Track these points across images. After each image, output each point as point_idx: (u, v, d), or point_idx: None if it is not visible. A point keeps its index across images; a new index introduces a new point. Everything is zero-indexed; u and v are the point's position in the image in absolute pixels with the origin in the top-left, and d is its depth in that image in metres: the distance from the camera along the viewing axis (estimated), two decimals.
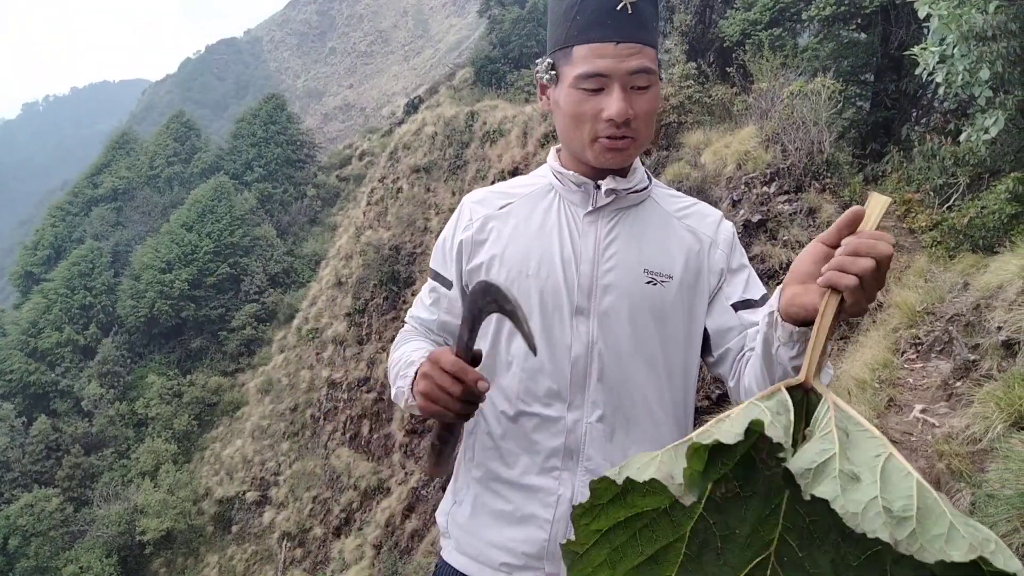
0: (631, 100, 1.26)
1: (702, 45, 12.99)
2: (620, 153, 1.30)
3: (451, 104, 21.83)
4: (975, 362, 3.90)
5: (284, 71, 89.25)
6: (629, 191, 1.37)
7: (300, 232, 32.55)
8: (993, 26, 5.27)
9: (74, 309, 29.10)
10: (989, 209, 6.01)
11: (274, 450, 20.61)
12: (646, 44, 1.26)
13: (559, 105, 1.33)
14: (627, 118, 1.25)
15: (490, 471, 1.38)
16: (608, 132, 1.27)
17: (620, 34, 1.23)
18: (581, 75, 1.25)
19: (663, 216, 1.41)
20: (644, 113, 1.28)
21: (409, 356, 1.37)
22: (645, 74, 1.25)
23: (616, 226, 1.36)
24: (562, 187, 1.40)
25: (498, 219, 1.41)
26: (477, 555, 1.38)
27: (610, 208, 1.37)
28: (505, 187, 1.49)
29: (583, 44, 1.25)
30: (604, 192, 1.35)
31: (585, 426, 1.32)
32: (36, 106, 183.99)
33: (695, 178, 8.03)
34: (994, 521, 2.36)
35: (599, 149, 1.30)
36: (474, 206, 1.44)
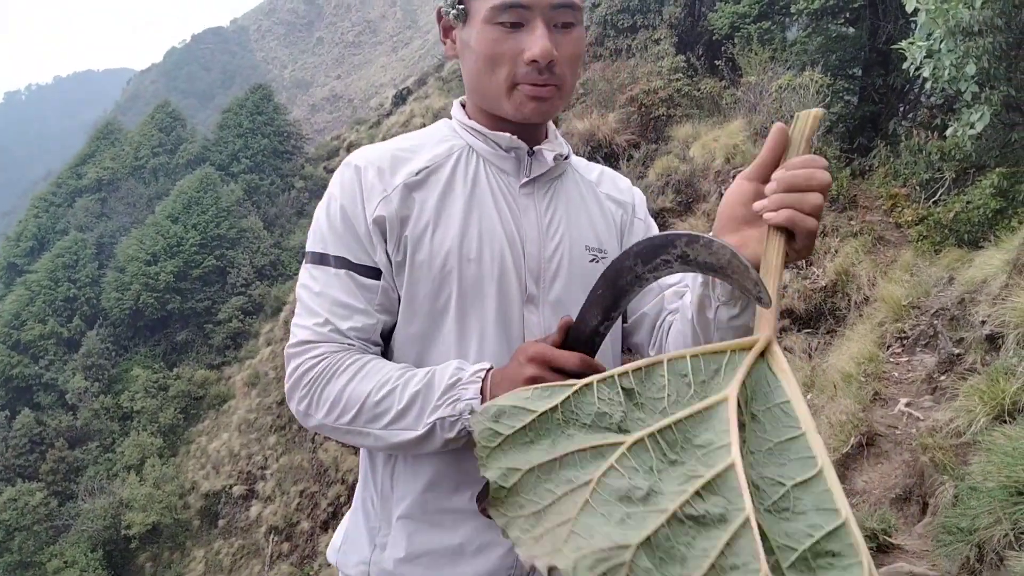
0: (554, 39, 1.05)
1: (691, 38, 12.99)
2: (544, 103, 1.08)
3: (440, 95, 21.74)
4: (959, 356, 3.94)
5: (271, 61, 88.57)
6: (564, 157, 1.19)
7: (287, 224, 32.36)
8: (979, 21, 5.30)
9: (58, 301, 28.81)
10: (974, 204, 6.06)
11: (261, 444, 20.53)
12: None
13: (469, 46, 1.10)
14: (552, 59, 1.04)
15: (427, 502, 1.11)
16: (531, 77, 1.06)
17: None
18: (497, 6, 1.04)
19: (586, 185, 1.24)
20: (569, 56, 1.08)
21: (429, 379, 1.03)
22: (570, 9, 1.06)
23: (552, 199, 1.17)
24: (487, 149, 1.16)
25: (419, 189, 1.12)
26: None
27: (544, 178, 1.17)
28: (407, 144, 1.18)
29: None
30: (550, 159, 1.15)
31: None
32: (19, 95, 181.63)
33: (683, 171, 8.04)
34: (976, 514, 2.38)
35: (520, 98, 1.08)
36: (380, 170, 1.12)
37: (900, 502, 3.20)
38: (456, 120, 1.20)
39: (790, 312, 6.34)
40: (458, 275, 1.09)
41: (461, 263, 1.09)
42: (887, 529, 2.92)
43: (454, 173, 1.14)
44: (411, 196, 1.11)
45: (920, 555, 2.81)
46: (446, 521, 1.11)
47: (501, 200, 1.14)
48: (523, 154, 1.15)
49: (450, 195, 1.12)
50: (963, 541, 2.41)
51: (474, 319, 1.09)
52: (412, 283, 1.09)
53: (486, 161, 1.16)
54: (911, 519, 3.12)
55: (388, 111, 28.66)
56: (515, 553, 0.98)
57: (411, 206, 1.11)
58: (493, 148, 1.15)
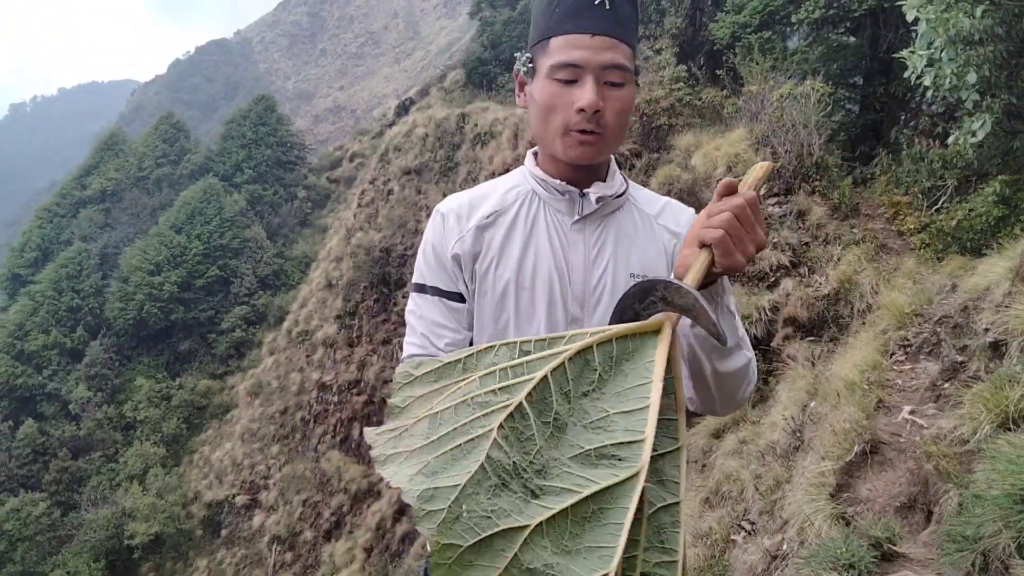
0: (603, 94, 1.25)
1: (692, 48, 13.04)
2: (589, 147, 1.28)
3: (442, 106, 21.80)
4: (963, 363, 3.93)
5: (274, 72, 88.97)
6: (613, 197, 1.37)
7: (290, 234, 32.43)
8: (980, 30, 5.32)
9: (61, 311, 28.86)
10: (976, 212, 6.06)
11: (264, 453, 20.51)
12: (622, 41, 1.26)
13: (534, 98, 1.32)
14: (597, 109, 1.24)
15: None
16: (579, 124, 1.26)
17: (596, 27, 1.24)
18: (555, 65, 1.26)
19: (643, 219, 1.41)
20: (616, 110, 1.27)
21: None
22: (619, 70, 1.25)
23: (603, 233, 1.36)
24: (546, 194, 1.38)
25: (488, 229, 1.37)
26: None
27: (596, 215, 1.37)
28: (484, 192, 1.44)
29: (560, 36, 1.26)
30: (594, 200, 1.34)
31: None
32: (23, 107, 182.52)
33: (685, 180, 8.06)
34: (981, 522, 2.37)
35: (569, 142, 1.29)
36: (459, 216, 1.38)
37: (904, 510, 3.19)
38: (527, 167, 1.43)
39: (793, 320, 6.33)
40: (514, 300, 1.32)
41: (517, 290, 1.32)
42: (891, 538, 2.91)
43: (517, 215, 1.37)
44: (482, 236, 1.36)
45: (925, 563, 2.80)
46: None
47: (555, 236, 1.35)
48: (575, 196, 1.35)
49: (513, 234, 1.36)
50: (968, 549, 2.41)
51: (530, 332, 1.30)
52: (480, 307, 1.34)
53: (545, 203, 1.38)
54: (916, 527, 3.11)
55: (391, 121, 28.75)
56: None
57: (481, 244, 1.36)
58: (551, 192, 1.36)
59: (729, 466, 5.04)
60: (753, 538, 4.03)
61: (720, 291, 1.16)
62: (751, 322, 6.44)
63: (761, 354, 6.40)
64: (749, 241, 1.03)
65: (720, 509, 4.68)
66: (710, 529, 4.44)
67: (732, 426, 5.86)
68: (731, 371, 1.22)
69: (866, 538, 2.89)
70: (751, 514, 4.33)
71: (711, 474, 5.31)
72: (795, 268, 6.74)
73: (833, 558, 2.81)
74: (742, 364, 1.23)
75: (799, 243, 6.84)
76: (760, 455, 4.74)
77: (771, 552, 3.64)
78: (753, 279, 6.83)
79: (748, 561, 3.77)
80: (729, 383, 1.25)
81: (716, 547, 4.27)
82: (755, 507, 4.34)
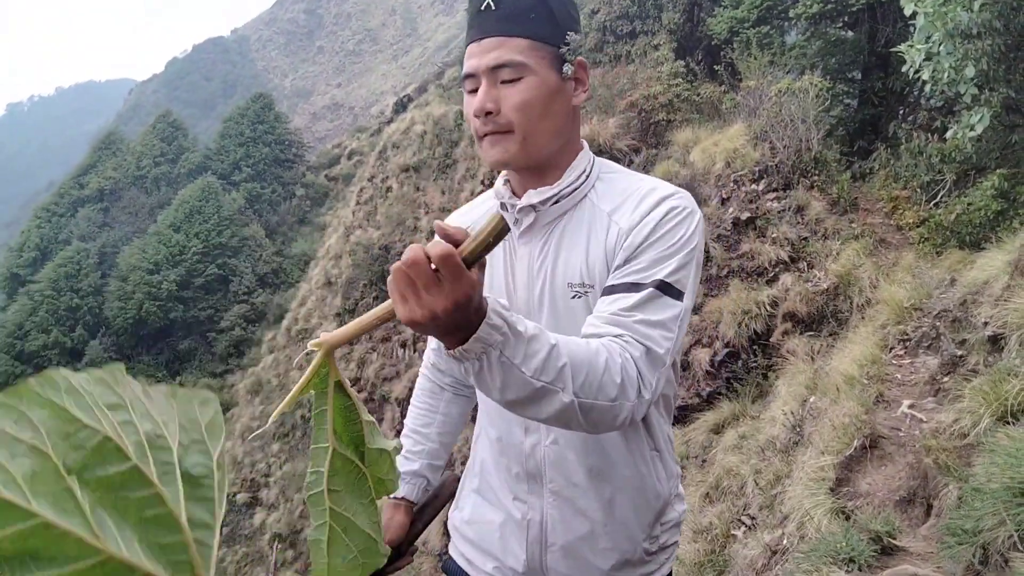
0: (497, 94, 1.23)
1: (690, 43, 13.03)
2: (497, 147, 1.25)
3: (440, 103, 21.78)
4: (962, 357, 3.94)
5: (272, 70, 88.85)
6: (552, 200, 1.28)
7: (289, 232, 32.41)
8: (978, 24, 5.31)
9: (61, 311, 28.85)
10: (975, 206, 6.06)
11: (264, 451, 20.53)
12: (511, 35, 1.22)
13: None
14: (488, 111, 1.23)
15: (484, 484, 1.46)
16: (481, 129, 1.26)
17: (482, 31, 1.25)
18: (462, 78, 1.29)
19: (597, 217, 1.28)
20: (515, 105, 1.22)
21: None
22: (507, 67, 1.22)
23: (548, 241, 1.30)
24: (503, 210, 1.35)
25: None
26: (472, 559, 1.47)
27: (539, 225, 1.30)
28: (468, 211, 1.49)
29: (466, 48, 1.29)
30: (517, 210, 1.30)
31: (543, 449, 1.33)
32: (21, 106, 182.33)
33: (684, 176, 8.06)
34: (980, 515, 2.38)
35: (484, 148, 1.28)
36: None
37: (904, 504, 3.19)
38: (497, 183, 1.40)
39: (792, 315, 6.34)
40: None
41: None
42: (891, 531, 2.92)
43: None
44: None
45: (925, 557, 2.80)
46: (491, 505, 1.42)
47: (507, 253, 1.34)
48: (515, 211, 1.31)
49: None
50: (967, 543, 2.41)
51: None
52: None
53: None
54: (915, 521, 3.12)
55: (389, 119, 28.72)
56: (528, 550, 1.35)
57: None
58: (505, 208, 1.34)
59: (729, 461, 5.05)
60: (753, 533, 4.04)
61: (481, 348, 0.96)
62: (750, 317, 6.44)
63: (761, 349, 6.40)
64: (417, 302, 0.88)
65: (720, 504, 4.69)
66: (710, 524, 4.45)
67: (732, 421, 5.87)
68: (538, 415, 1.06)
69: (866, 532, 2.90)
70: (751, 509, 4.34)
71: (711, 469, 5.33)
72: (794, 263, 6.74)
73: (833, 552, 2.81)
74: (556, 409, 1.03)
75: (798, 238, 6.85)
76: (760, 450, 4.75)
77: (771, 547, 3.65)
78: (752, 274, 6.84)
79: (748, 556, 3.78)
80: (550, 422, 1.09)
81: (716, 542, 4.28)
82: (755, 502, 4.35)
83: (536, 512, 1.35)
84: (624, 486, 1.34)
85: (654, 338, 1.12)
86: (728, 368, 6.49)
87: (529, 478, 1.35)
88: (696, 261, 1.23)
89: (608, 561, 1.35)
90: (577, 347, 1.04)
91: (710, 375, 6.53)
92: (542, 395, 1.00)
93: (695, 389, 6.58)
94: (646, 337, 1.12)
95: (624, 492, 1.34)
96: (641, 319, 1.13)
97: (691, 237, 1.22)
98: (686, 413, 6.52)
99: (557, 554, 1.35)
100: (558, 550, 1.35)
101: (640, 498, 1.35)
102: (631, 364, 1.08)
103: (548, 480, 1.33)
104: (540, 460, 1.33)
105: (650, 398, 1.11)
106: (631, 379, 1.07)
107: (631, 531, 1.36)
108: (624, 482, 1.33)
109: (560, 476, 1.33)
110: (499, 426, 1.38)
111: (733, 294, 6.64)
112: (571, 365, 1.01)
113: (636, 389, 1.08)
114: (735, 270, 6.94)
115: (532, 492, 1.35)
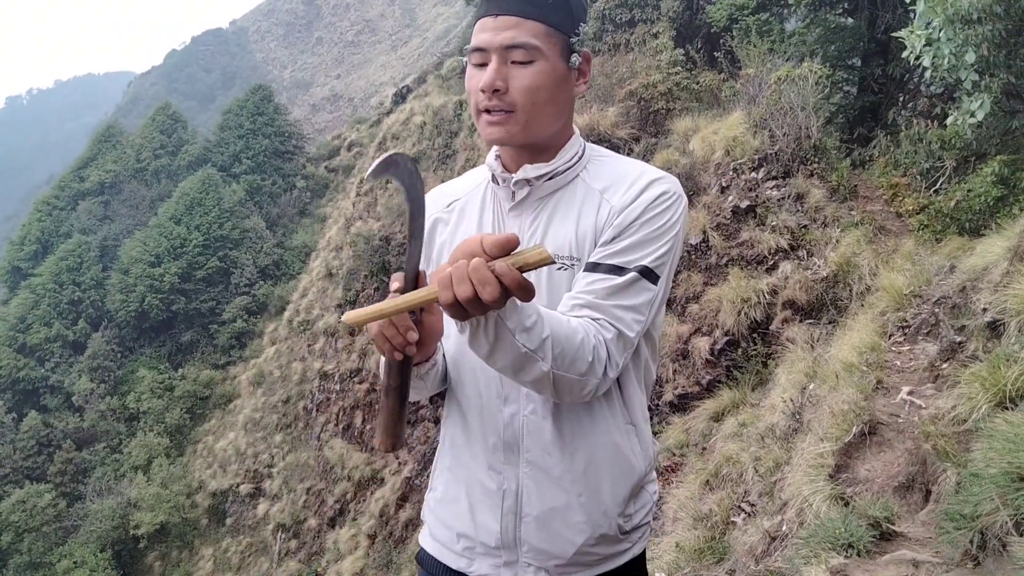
0: (507, 73, 1.26)
1: (689, 31, 12.96)
2: (498, 127, 1.28)
3: (439, 93, 21.70)
4: (961, 343, 3.94)
5: (271, 62, 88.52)
6: (547, 177, 1.34)
7: (289, 224, 32.39)
8: (979, 9, 5.29)
9: (63, 304, 28.89)
10: (975, 192, 6.05)
11: (267, 442, 20.59)
12: (528, 18, 1.24)
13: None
14: (496, 88, 1.25)
15: (455, 461, 1.45)
16: (483, 104, 1.28)
17: (499, 7, 1.25)
18: (469, 49, 1.29)
19: (588, 195, 1.34)
20: (522, 88, 1.26)
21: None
22: (522, 48, 1.24)
23: (539, 215, 1.35)
24: (494, 184, 1.40)
25: (443, 219, 1.45)
26: (445, 540, 1.45)
27: (531, 199, 1.36)
28: (453, 185, 1.51)
29: (477, 21, 1.30)
30: (513, 184, 1.34)
31: (521, 419, 1.34)
32: (20, 100, 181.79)
33: (684, 164, 8.04)
34: (978, 500, 2.39)
35: (482, 123, 1.31)
36: (428, 207, 1.40)
37: (903, 490, 3.21)
38: (488, 157, 1.42)
39: (792, 303, 6.34)
40: None
41: None
42: (890, 517, 2.93)
43: (473, 204, 1.43)
44: (437, 225, 1.44)
45: (923, 543, 2.82)
46: (462, 480, 1.41)
47: (498, 225, 1.38)
48: (511, 183, 1.35)
49: (463, 223, 1.42)
50: (966, 528, 2.42)
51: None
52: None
53: (494, 192, 1.41)
54: (914, 507, 3.13)
55: (388, 110, 28.63)
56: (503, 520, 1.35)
57: (437, 232, 1.44)
58: (497, 181, 1.38)
59: (729, 449, 5.07)
60: (753, 519, 4.06)
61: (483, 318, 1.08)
62: (750, 305, 6.45)
63: (760, 337, 6.41)
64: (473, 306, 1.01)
65: (720, 491, 4.71)
66: (710, 511, 4.47)
67: (732, 409, 5.89)
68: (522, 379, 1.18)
69: (865, 518, 2.91)
70: (751, 496, 4.36)
71: (711, 457, 5.35)
72: (794, 251, 6.73)
73: (832, 538, 2.83)
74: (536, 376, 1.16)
75: (797, 226, 6.84)
76: (760, 437, 4.77)
77: (771, 533, 3.67)
78: (752, 262, 6.84)
79: (748, 542, 3.80)
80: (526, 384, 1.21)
81: (716, 529, 4.30)
82: (755, 489, 4.37)
83: (512, 482, 1.35)
84: (598, 456, 1.35)
85: (627, 321, 1.24)
86: (728, 356, 6.50)
87: (506, 448, 1.35)
88: (676, 247, 1.32)
89: (582, 535, 1.35)
90: (558, 322, 1.16)
91: (710, 363, 6.54)
92: (525, 361, 1.13)
93: (695, 377, 6.60)
94: (619, 320, 1.23)
95: (598, 463, 1.35)
96: (617, 304, 1.23)
97: (675, 222, 1.30)
98: (686, 401, 6.54)
99: (531, 525, 1.35)
100: (532, 520, 1.35)
101: (616, 469, 1.37)
102: (602, 346, 1.20)
103: (525, 450, 1.34)
104: (518, 429, 1.34)
105: (614, 375, 1.24)
106: (600, 359, 1.20)
107: (605, 505, 1.36)
108: (598, 452, 1.35)
109: (536, 445, 1.34)
110: (480, 394, 1.37)
111: (733, 282, 6.65)
112: (552, 337, 1.13)
113: (603, 368, 1.21)
114: (735, 258, 6.94)
115: (508, 462, 1.35)
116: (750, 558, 3.67)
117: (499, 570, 1.38)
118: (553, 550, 1.35)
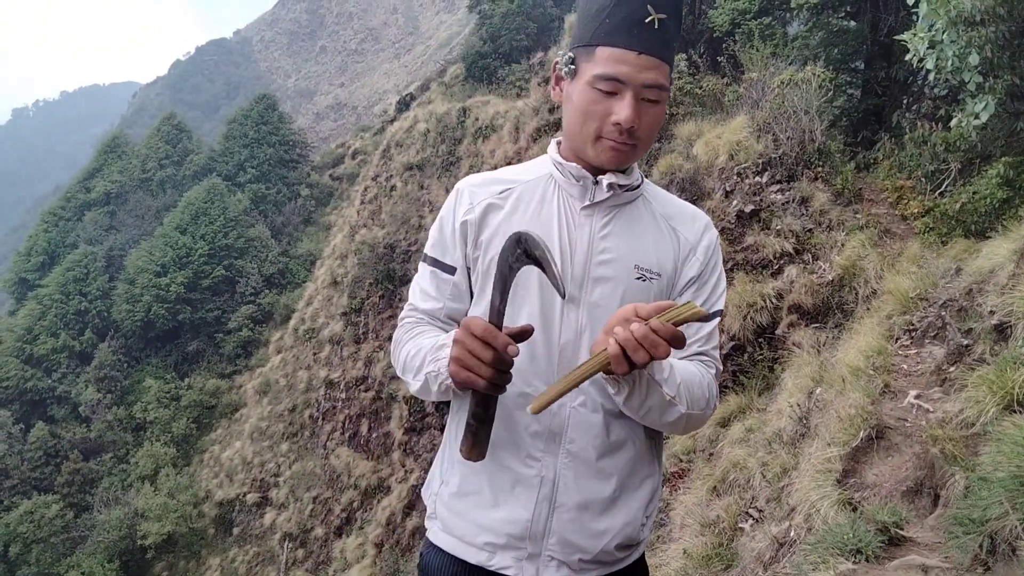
0: (640, 110, 1.31)
1: (692, 36, 12.98)
2: (620, 155, 1.36)
3: (443, 100, 21.77)
4: (968, 347, 3.92)
5: (275, 71, 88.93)
6: (626, 188, 1.43)
7: (294, 232, 32.48)
8: (982, 11, 5.28)
9: (69, 315, 29.00)
10: (980, 194, 6.03)
11: (273, 451, 20.60)
12: (665, 61, 1.32)
13: (571, 99, 1.38)
14: (632, 126, 1.31)
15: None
16: (612, 135, 1.33)
17: (643, 45, 1.29)
18: (599, 75, 1.31)
19: (655, 217, 1.47)
20: (650, 125, 1.35)
21: (436, 342, 1.37)
22: (658, 89, 1.31)
23: (611, 221, 1.42)
24: (562, 178, 1.44)
25: (498, 205, 1.45)
26: (463, 535, 1.42)
27: (606, 204, 1.42)
28: (504, 173, 1.52)
29: (607, 47, 1.30)
30: (605, 186, 1.40)
31: (569, 410, 1.36)
32: (26, 111, 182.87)
33: (687, 169, 8.03)
34: (987, 504, 2.37)
35: (601, 148, 1.36)
36: (474, 190, 1.47)
37: (911, 495, 3.18)
38: (549, 154, 1.49)
39: (798, 307, 6.32)
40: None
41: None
42: (898, 522, 2.91)
43: (532, 194, 1.45)
44: (491, 210, 1.45)
45: (932, 548, 2.79)
46: (487, 470, 1.39)
47: (563, 218, 1.41)
48: (589, 183, 1.41)
49: (519, 210, 1.44)
50: (975, 532, 2.40)
51: (523, 310, 1.38)
52: (483, 277, 1.43)
53: (560, 188, 1.45)
54: (923, 512, 3.11)
55: (392, 117, 28.73)
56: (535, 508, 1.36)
57: (489, 216, 1.44)
58: (567, 177, 1.43)
59: (736, 454, 5.05)
60: (760, 525, 4.04)
61: (638, 374, 1.25)
62: (755, 310, 6.43)
63: (766, 342, 6.39)
64: (644, 365, 1.17)
65: (727, 497, 4.69)
66: (717, 517, 4.45)
67: (739, 414, 5.87)
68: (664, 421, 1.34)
69: (873, 523, 2.89)
70: (758, 501, 4.34)
71: (718, 462, 5.32)
72: (799, 255, 6.72)
73: (840, 543, 2.81)
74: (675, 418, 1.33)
75: (802, 230, 6.82)
76: (767, 442, 4.74)
77: (778, 539, 3.65)
78: (757, 267, 6.82)
79: (756, 548, 3.78)
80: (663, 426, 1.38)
81: (724, 535, 4.28)
82: (762, 494, 4.35)
83: (549, 470, 1.36)
84: (637, 457, 1.42)
85: (717, 358, 1.47)
86: (734, 361, 6.48)
87: (548, 436, 1.36)
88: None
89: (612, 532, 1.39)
90: (683, 368, 1.35)
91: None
92: (668, 407, 1.29)
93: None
94: (715, 359, 1.46)
95: (637, 463, 1.42)
96: (713, 346, 1.46)
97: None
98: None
99: (564, 516, 1.36)
100: (566, 512, 1.36)
101: (645, 472, 1.44)
102: (713, 383, 1.41)
103: (568, 440, 1.36)
104: (564, 419, 1.36)
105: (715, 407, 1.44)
106: (714, 395, 1.40)
107: (634, 511, 1.41)
108: (639, 453, 1.42)
109: (581, 437, 1.36)
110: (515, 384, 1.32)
111: (738, 287, 6.63)
112: (685, 383, 1.31)
113: (715, 401, 1.41)
114: (740, 263, 6.92)
115: (548, 451, 1.36)
116: (758, 564, 3.65)
117: (521, 563, 1.37)
118: (582, 543, 1.37)
